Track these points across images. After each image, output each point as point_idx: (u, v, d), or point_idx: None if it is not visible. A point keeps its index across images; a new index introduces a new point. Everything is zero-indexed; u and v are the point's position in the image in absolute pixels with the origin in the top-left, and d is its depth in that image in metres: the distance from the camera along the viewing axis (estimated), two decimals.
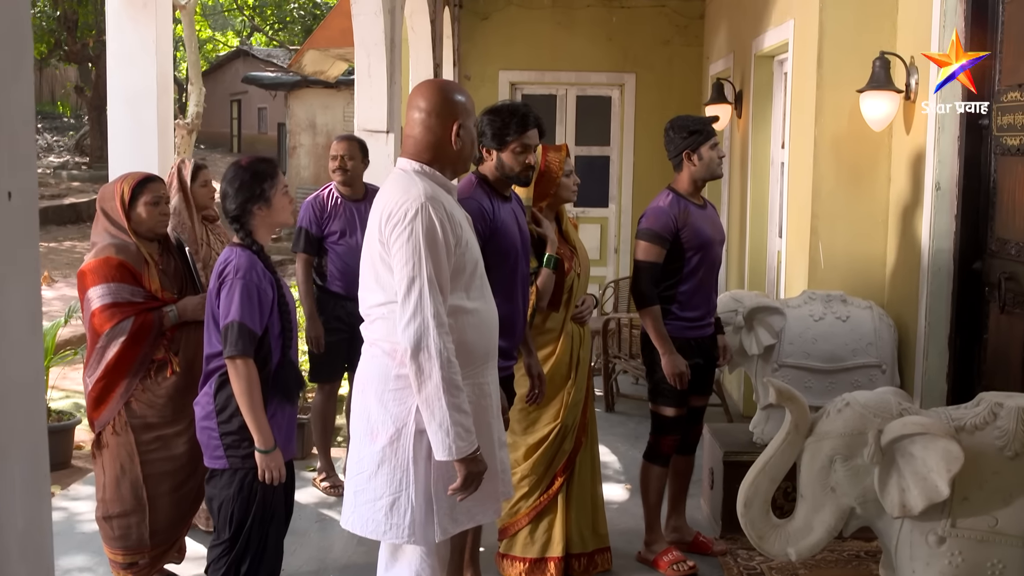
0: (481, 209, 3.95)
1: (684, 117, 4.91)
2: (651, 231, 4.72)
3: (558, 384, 4.67)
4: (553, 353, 4.66)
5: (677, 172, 4.88)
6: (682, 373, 4.71)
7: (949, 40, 5.05)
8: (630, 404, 8.15)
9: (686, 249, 4.74)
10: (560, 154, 4.68)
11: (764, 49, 7.35)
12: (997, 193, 4.89)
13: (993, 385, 4.88)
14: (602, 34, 10.83)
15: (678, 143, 4.82)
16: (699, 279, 4.81)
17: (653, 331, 4.74)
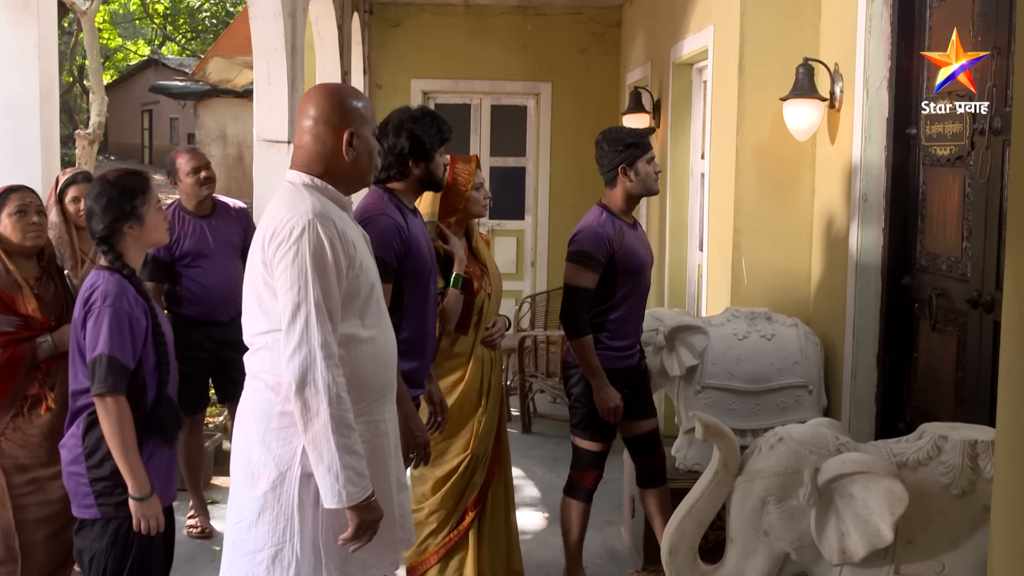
0: (396, 226, 3.65)
1: (618, 129, 4.61)
2: (585, 254, 4.41)
3: (468, 412, 4.35)
4: (462, 379, 4.33)
5: (610, 188, 4.57)
6: (617, 407, 4.43)
7: (875, 46, 4.85)
8: (548, 424, 7.86)
9: (619, 274, 4.45)
10: (469, 166, 4.36)
11: (683, 56, 7.11)
12: (926, 205, 4.68)
13: (924, 405, 4.67)
14: (517, 42, 10.55)
15: (612, 157, 4.51)
16: (630, 306, 4.53)
17: (585, 362, 4.43)
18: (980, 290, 4.15)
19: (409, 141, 3.80)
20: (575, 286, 4.42)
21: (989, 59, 4.05)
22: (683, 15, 7.05)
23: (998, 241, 4.03)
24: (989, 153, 4.05)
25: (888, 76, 4.85)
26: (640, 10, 9.22)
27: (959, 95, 4.32)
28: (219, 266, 5.15)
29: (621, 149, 4.48)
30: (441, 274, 4.20)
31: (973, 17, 4.27)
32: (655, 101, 8.08)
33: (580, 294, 4.41)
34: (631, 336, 4.57)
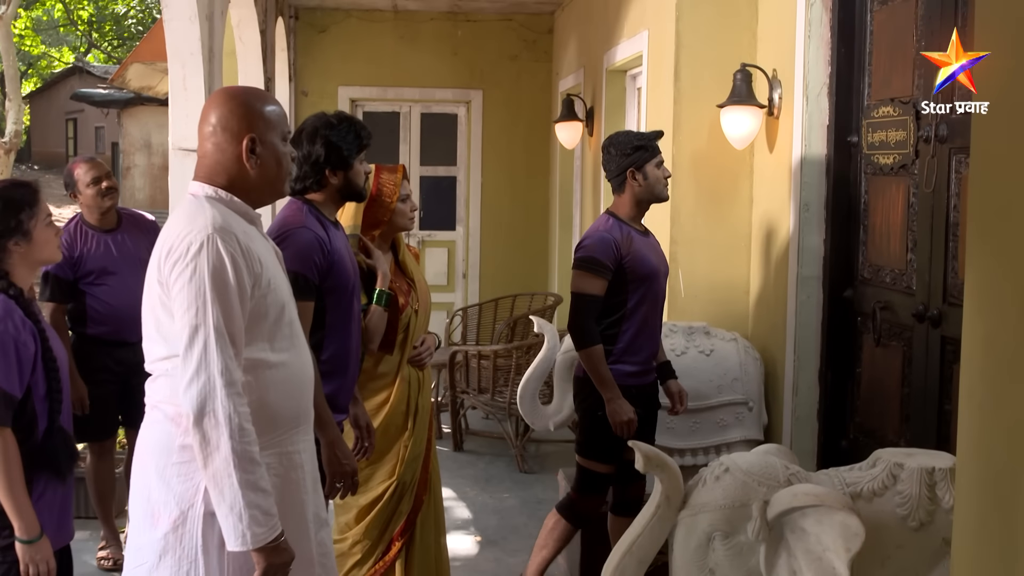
0: (317, 240, 3.40)
1: (625, 132, 4.37)
2: (592, 259, 4.17)
3: (393, 436, 4.10)
4: (387, 401, 4.08)
5: (617, 194, 4.35)
6: (630, 420, 4.15)
7: (814, 51, 4.69)
8: (480, 442, 7.61)
9: (629, 281, 4.21)
10: (395, 176, 4.11)
11: (616, 63, 6.93)
12: (869, 215, 4.53)
13: (868, 422, 4.51)
14: (447, 49, 10.32)
15: (620, 161, 4.28)
16: (643, 316, 4.27)
17: (595, 373, 4.16)
18: (926, 304, 3.99)
19: (325, 148, 3.55)
20: (583, 293, 4.18)
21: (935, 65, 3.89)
22: (616, 20, 6.87)
23: (945, 253, 3.88)
24: (935, 162, 3.90)
25: (828, 82, 4.70)
26: (572, 16, 9.03)
27: (902, 101, 4.17)
28: (126, 283, 4.82)
29: (629, 152, 4.26)
30: (364, 290, 3.96)
31: (916, 21, 4.12)
32: (588, 109, 7.90)
33: (588, 301, 4.17)
34: (645, 350, 4.31)
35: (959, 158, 3.80)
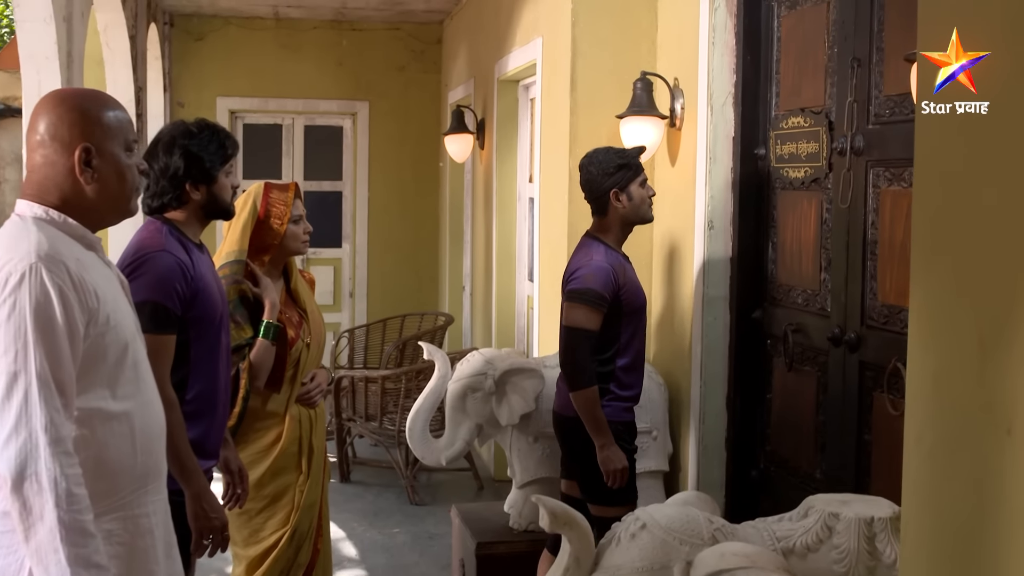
0: (179, 265, 3.01)
1: (605, 150, 4.01)
2: (592, 292, 3.79)
3: (285, 481, 3.71)
4: (276, 442, 3.69)
5: (599, 217, 3.99)
6: (624, 468, 3.84)
7: (718, 59, 4.43)
8: (368, 472, 7.21)
9: (625, 313, 3.88)
10: (287, 195, 3.72)
11: (508, 72, 6.62)
12: (779, 232, 4.27)
13: (780, 451, 4.25)
14: (332, 58, 9.90)
15: (602, 181, 3.91)
16: (636, 349, 3.97)
17: (590, 417, 3.81)
18: (842, 327, 3.74)
19: (184, 160, 3.14)
20: (579, 328, 3.81)
21: (849, 71, 3.65)
22: (508, 28, 6.56)
23: (862, 273, 3.63)
24: (851, 175, 3.65)
25: (733, 91, 4.44)
26: (462, 25, 8.71)
27: (813, 111, 3.93)
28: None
29: (612, 171, 3.91)
30: (250, 323, 3.56)
31: (828, 26, 3.88)
32: (479, 121, 7.58)
33: (585, 337, 3.81)
34: (637, 386, 4.01)
35: (876, 171, 3.56)
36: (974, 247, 1.95)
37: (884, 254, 3.52)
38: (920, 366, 2.15)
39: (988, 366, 1.93)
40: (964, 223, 1.98)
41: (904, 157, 3.39)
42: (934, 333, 2.10)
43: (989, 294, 1.92)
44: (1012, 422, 1.87)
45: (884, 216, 3.52)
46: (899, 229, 3.44)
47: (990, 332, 1.92)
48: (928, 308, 2.12)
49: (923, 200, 2.12)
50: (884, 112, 3.51)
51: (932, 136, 2.08)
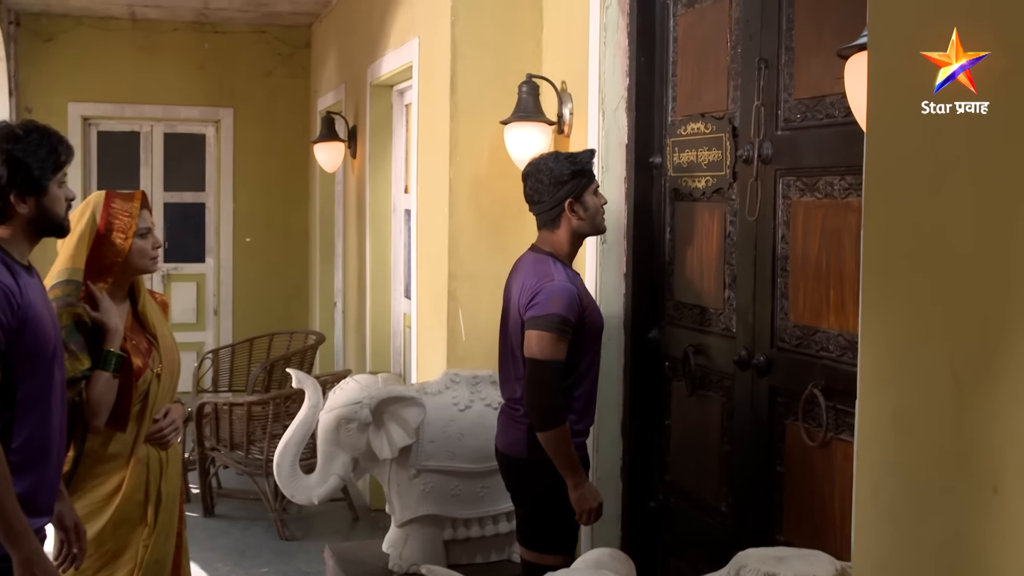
0: (5, 292, 2.59)
1: (554, 155, 3.59)
2: (559, 317, 3.36)
3: (128, 534, 3.24)
4: (118, 490, 3.22)
5: (549, 229, 3.58)
6: (600, 507, 3.48)
7: (610, 61, 4.13)
8: (234, 504, 6.71)
9: (586, 338, 3.48)
10: (131, 205, 3.25)
11: (382, 76, 6.23)
12: (676, 247, 3.98)
13: (682, 482, 3.95)
14: (193, 62, 9.36)
15: (554, 191, 3.50)
16: (594, 377, 3.59)
17: (563, 456, 3.41)
18: (750, 348, 3.46)
19: (8, 167, 2.70)
20: (547, 361, 3.37)
21: (756, 73, 3.38)
22: (382, 29, 6.17)
23: (772, 291, 3.35)
24: (759, 185, 3.37)
25: (627, 96, 4.15)
26: (332, 28, 8.29)
27: (715, 116, 3.65)
28: None
29: (565, 180, 3.50)
30: (87, 352, 3.08)
31: (731, 25, 3.61)
32: (350, 128, 7.18)
33: (554, 371, 3.38)
34: (591, 416, 3.64)
35: (787, 181, 3.28)
36: (951, 264, 1.66)
37: (796, 270, 3.25)
38: (874, 404, 1.85)
39: (966, 409, 1.63)
40: (939, 236, 1.68)
41: (818, 166, 3.13)
42: (894, 366, 1.80)
43: (968, 322, 1.63)
44: (999, 478, 1.58)
45: (796, 229, 3.25)
46: (813, 243, 3.17)
47: (968, 368, 1.63)
48: (886, 336, 1.82)
49: (878, 211, 1.83)
50: (795, 117, 3.24)
51: (875, 146, 1.79)
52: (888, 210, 1.79)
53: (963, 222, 1.61)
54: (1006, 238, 1.52)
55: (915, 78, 1.69)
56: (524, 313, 3.46)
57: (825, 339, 3.11)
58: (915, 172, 1.72)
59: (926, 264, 1.68)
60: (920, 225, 1.70)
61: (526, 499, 3.64)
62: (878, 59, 1.83)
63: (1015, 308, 1.51)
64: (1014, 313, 1.51)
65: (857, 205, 2.96)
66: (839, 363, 3.05)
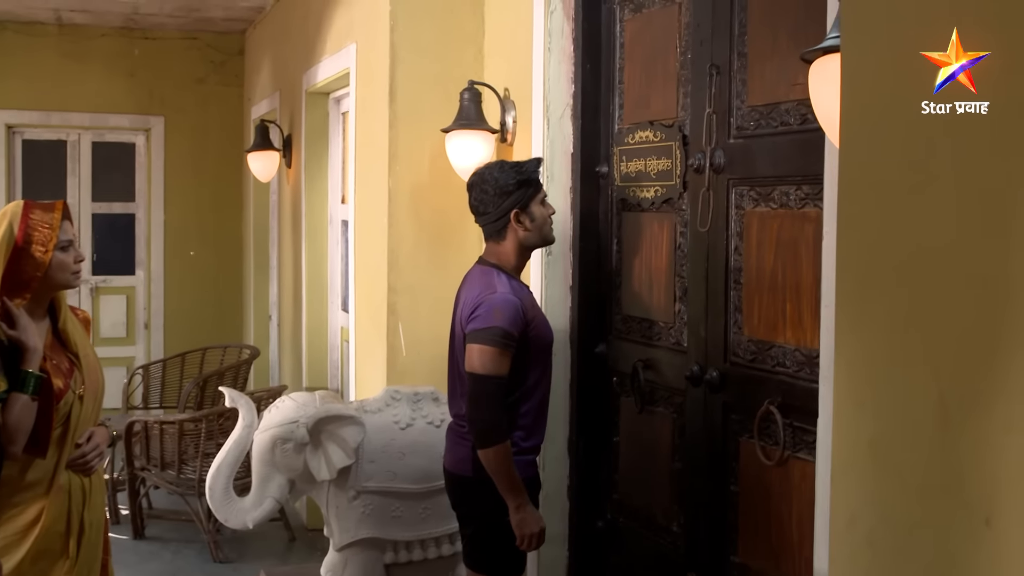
0: None
1: (499, 164, 3.45)
2: (500, 331, 3.22)
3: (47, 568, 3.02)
4: (37, 521, 3.00)
5: (495, 241, 3.43)
6: (542, 532, 3.31)
7: (555, 67, 4.01)
8: (166, 526, 6.46)
9: (533, 352, 3.33)
10: (52, 216, 3.04)
11: (318, 84, 6.06)
12: (623, 259, 3.87)
13: (632, 501, 3.84)
14: (122, 69, 9.09)
15: (500, 201, 3.36)
16: (543, 393, 3.43)
17: (504, 476, 3.25)
18: (702, 364, 3.35)
19: None
20: (489, 376, 3.22)
21: (708, 80, 3.27)
22: (318, 35, 6.00)
23: (725, 304, 3.25)
24: (710, 195, 3.27)
25: (572, 103, 4.03)
26: (266, 34, 8.09)
27: (664, 124, 3.55)
28: None
29: (511, 190, 3.36)
30: (4, 373, 2.88)
31: (680, 30, 3.51)
32: (285, 137, 6.99)
33: (495, 386, 3.23)
34: (541, 434, 3.47)
35: (740, 190, 3.18)
36: (938, 276, 1.55)
37: (750, 283, 3.15)
38: (850, 430, 1.74)
39: (954, 435, 1.52)
40: (925, 246, 1.57)
41: (773, 175, 3.03)
42: (872, 388, 1.69)
43: (956, 340, 1.52)
44: (991, 510, 1.46)
45: (750, 240, 3.14)
46: (767, 255, 3.07)
47: (956, 391, 1.52)
48: (863, 356, 1.71)
49: (854, 221, 1.71)
50: (748, 125, 3.14)
51: (847, 150, 1.68)
52: (866, 219, 1.68)
53: (953, 230, 1.50)
54: (1003, 247, 1.42)
55: (897, 79, 1.59)
56: (466, 326, 3.34)
57: (781, 354, 3.01)
58: (900, 178, 1.61)
59: (910, 276, 1.57)
60: (904, 235, 1.59)
61: (472, 519, 3.50)
62: (854, 60, 1.72)
63: (1011, 324, 1.40)
64: (1010, 330, 1.40)
65: (815, 216, 2.86)
66: (796, 379, 2.95)
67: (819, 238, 2.82)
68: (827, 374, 2.54)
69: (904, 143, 1.60)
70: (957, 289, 1.49)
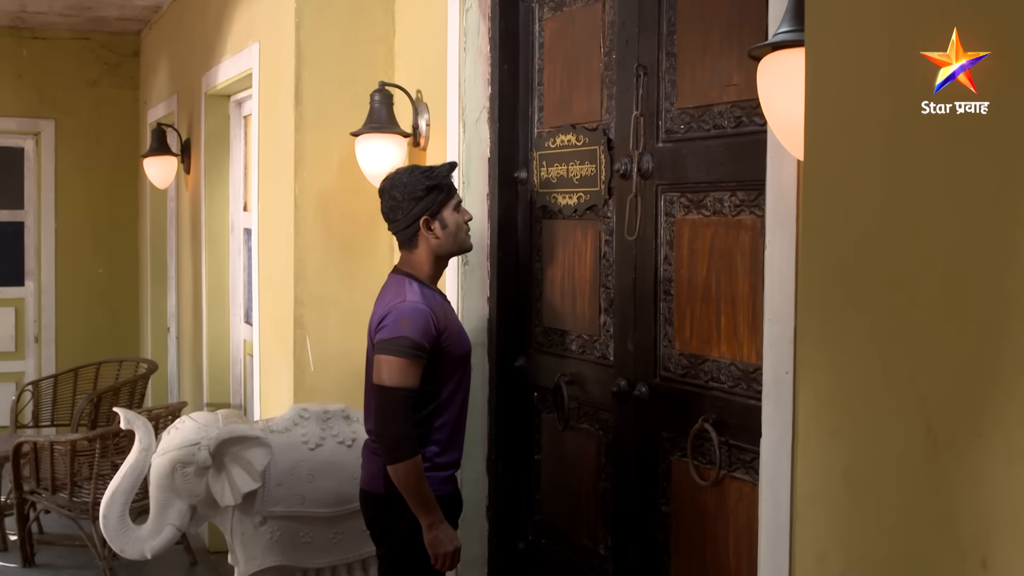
0: None
1: (410, 169, 3.24)
2: (408, 341, 3.02)
3: None
4: None
5: (408, 249, 3.24)
6: (457, 551, 3.11)
7: (471, 68, 3.83)
8: (58, 552, 6.11)
9: (446, 364, 3.13)
10: None
11: (218, 86, 5.79)
12: (545, 269, 3.70)
13: (556, 522, 3.68)
14: (10, 70, 8.66)
15: (409, 208, 3.17)
16: (459, 406, 3.24)
17: (415, 492, 3.05)
18: (630, 379, 3.19)
19: None
20: (397, 388, 3.02)
21: (635, 82, 3.12)
22: (218, 35, 5.73)
23: (655, 316, 3.10)
24: (638, 202, 3.12)
25: (489, 106, 3.86)
26: (163, 34, 7.76)
27: (588, 128, 3.38)
28: None
29: (420, 195, 3.16)
30: None
31: (604, 30, 3.35)
32: (184, 141, 6.69)
33: (405, 399, 3.03)
34: (458, 449, 3.27)
35: (670, 197, 3.03)
36: (927, 287, 1.40)
37: (682, 294, 3.00)
38: (819, 460, 1.58)
39: (945, 468, 1.37)
40: (910, 253, 1.42)
41: (705, 180, 2.88)
42: (845, 414, 1.53)
43: (947, 360, 1.37)
44: (987, 550, 1.31)
45: (681, 249, 2.99)
46: (700, 265, 2.92)
47: (947, 418, 1.37)
48: (831, 379, 1.56)
49: (821, 227, 1.57)
50: (678, 128, 3.00)
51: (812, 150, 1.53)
52: (836, 228, 1.52)
53: (948, 235, 1.35)
54: (1004, 254, 1.27)
55: (897, 79, 1.44)
56: (375, 337, 3.15)
57: (715, 369, 2.87)
58: (890, 180, 1.46)
59: (894, 289, 1.42)
60: (889, 242, 1.44)
61: (385, 538, 3.31)
62: (819, 59, 1.57)
63: (1013, 341, 1.25)
64: (1012, 347, 1.25)
65: (751, 223, 2.73)
66: (732, 395, 2.80)
67: (756, 247, 2.69)
68: (771, 391, 2.40)
69: (903, 143, 1.45)
70: (951, 302, 1.35)
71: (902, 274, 1.43)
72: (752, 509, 2.72)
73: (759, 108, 2.67)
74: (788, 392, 2.32)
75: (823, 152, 1.56)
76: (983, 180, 1.37)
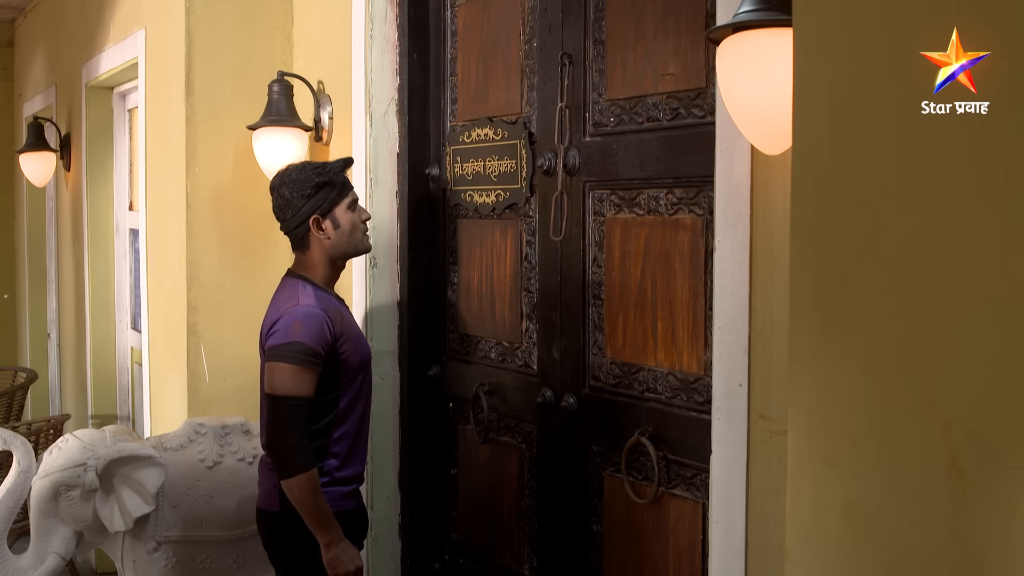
0: None
1: (300, 167, 2.96)
2: (300, 347, 2.77)
3: None
4: None
5: (300, 251, 2.97)
6: (359, 570, 2.84)
7: (378, 58, 3.59)
8: None
9: (343, 372, 2.88)
10: None
11: (100, 76, 5.42)
12: (461, 271, 3.48)
13: (474, 540, 3.46)
14: None
15: (298, 206, 2.91)
16: (359, 416, 2.97)
17: (311, 508, 2.79)
18: (557, 389, 2.99)
19: None
20: (289, 396, 2.77)
21: (560, 71, 2.91)
22: (99, 21, 5.37)
23: (583, 323, 2.90)
24: (563, 200, 2.91)
25: (397, 97, 3.62)
26: (39, 23, 7.31)
27: (507, 121, 3.17)
28: None
29: (310, 193, 2.90)
30: None
31: (523, 16, 3.14)
32: (63, 136, 6.29)
33: (298, 408, 2.78)
34: (360, 462, 3.00)
35: (599, 195, 2.84)
36: (945, 296, 1.21)
37: (613, 299, 2.80)
38: (813, 493, 1.40)
39: (975, 506, 1.19)
40: (925, 258, 1.24)
41: (639, 177, 2.69)
42: (844, 442, 1.35)
43: (975, 381, 1.19)
44: None
45: (612, 251, 2.80)
46: (634, 268, 2.73)
47: (975, 449, 1.19)
48: (830, 401, 1.37)
49: (813, 234, 1.38)
50: (607, 121, 2.80)
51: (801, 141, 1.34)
52: (833, 232, 1.33)
53: (949, 235, 1.18)
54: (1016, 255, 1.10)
55: (896, 79, 1.25)
56: (265, 344, 2.90)
57: (652, 378, 2.68)
58: (894, 181, 1.27)
59: (903, 300, 1.24)
60: (887, 244, 1.25)
61: (283, 560, 3.05)
62: (810, 49, 1.38)
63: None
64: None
65: (690, 223, 2.54)
66: (671, 406, 2.62)
67: (697, 248, 2.51)
68: (722, 405, 2.22)
69: (902, 143, 1.28)
70: (972, 311, 1.17)
71: (911, 281, 1.25)
72: (695, 529, 2.54)
73: (698, 99, 2.51)
74: (742, 406, 2.14)
75: (816, 154, 1.38)
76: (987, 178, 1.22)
